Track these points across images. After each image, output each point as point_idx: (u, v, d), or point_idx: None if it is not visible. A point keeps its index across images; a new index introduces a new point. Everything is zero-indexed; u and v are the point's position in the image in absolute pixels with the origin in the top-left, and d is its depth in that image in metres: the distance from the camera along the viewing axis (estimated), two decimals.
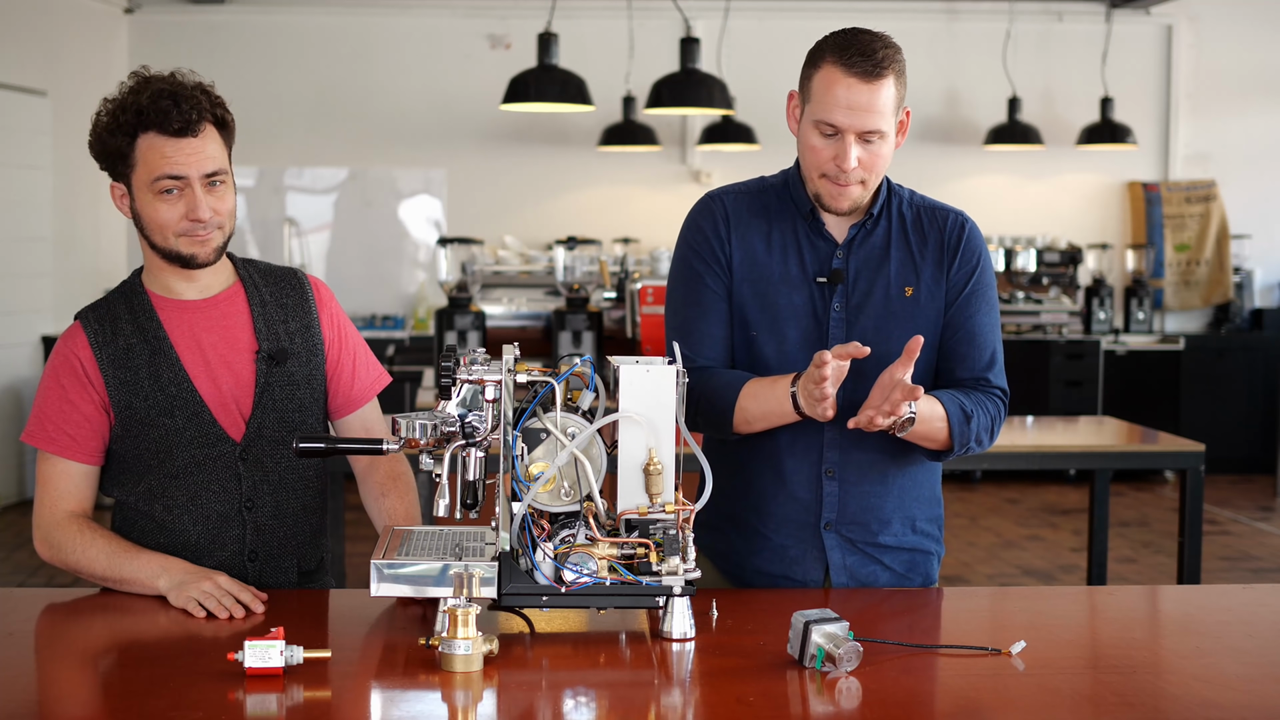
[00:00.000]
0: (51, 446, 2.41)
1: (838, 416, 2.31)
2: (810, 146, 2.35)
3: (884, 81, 2.29)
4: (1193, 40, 9.71)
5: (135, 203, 2.40)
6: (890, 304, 2.42)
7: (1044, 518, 7.94)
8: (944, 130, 9.53)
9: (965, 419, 2.36)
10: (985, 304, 2.45)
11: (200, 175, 2.36)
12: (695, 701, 1.90)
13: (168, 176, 2.35)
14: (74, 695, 1.96)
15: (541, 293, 7.63)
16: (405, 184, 9.47)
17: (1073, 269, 9.31)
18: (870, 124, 2.29)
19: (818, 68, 2.33)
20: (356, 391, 2.59)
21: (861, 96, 2.28)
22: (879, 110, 2.29)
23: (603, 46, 9.00)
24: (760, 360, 2.44)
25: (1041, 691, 1.91)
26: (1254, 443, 9.23)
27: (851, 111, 2.28)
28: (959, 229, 2.46)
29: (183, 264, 2.41)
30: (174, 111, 2.33)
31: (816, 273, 2.43)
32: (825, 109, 2.30)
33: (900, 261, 2.44)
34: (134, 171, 2.38)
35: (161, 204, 2.37)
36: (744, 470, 2.47)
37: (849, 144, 2.30)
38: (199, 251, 2.40)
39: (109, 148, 2.38)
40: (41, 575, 6.24)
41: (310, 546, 2.55)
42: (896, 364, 2.20)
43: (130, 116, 2.35)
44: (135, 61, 8.85)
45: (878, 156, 2.33)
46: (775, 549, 2.45)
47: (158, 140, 2.35)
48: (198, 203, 2.36)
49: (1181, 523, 4.68)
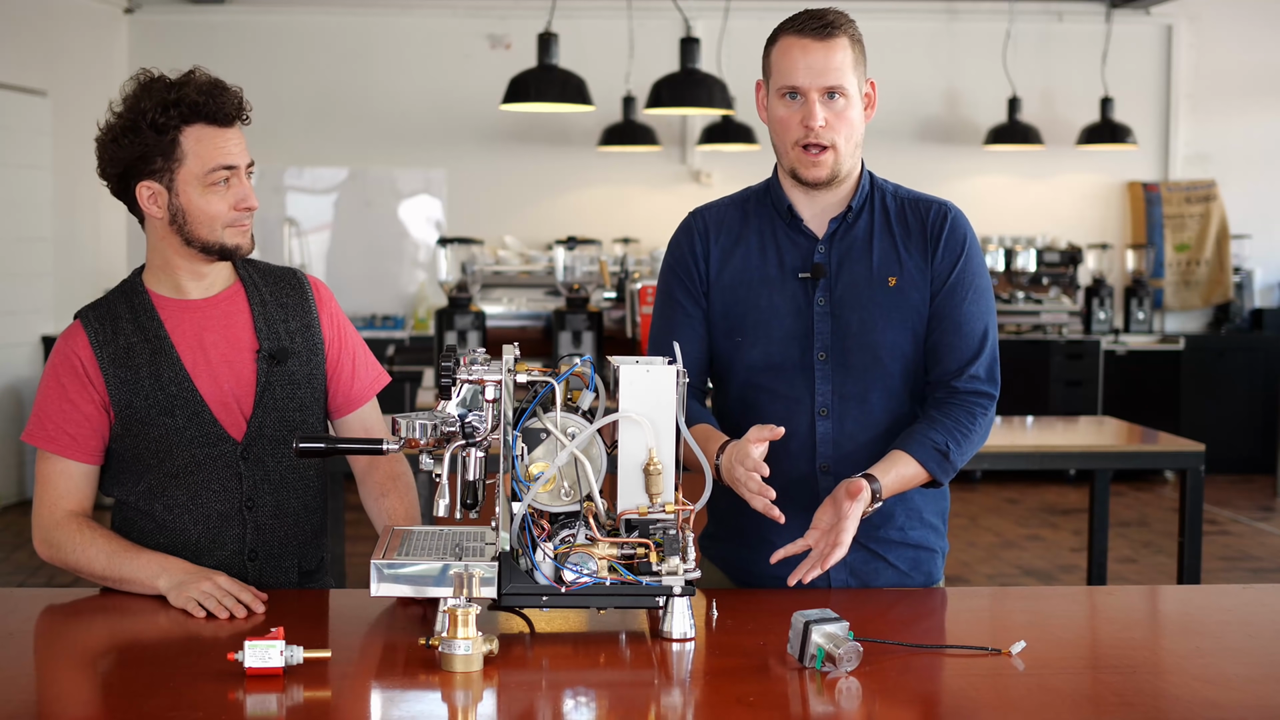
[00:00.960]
0: (52, 446, 2.41)
1: (828, 414, 2.39)
2: (778, 119, 2.40)
3: (838, 41, 2.36)
4: (1193, 40, 9.71)
5: (179, 198, 2.38)
6: (874, 294, 2.42)
7: (1044, 518, 7.94)
8: (944, 130, 9.53)
9: (943, 457, 2.36)
10: (972, 292, 2.43)
11: (245, 165, 2.41)
12: (695, 701, 1.90)
13: (223, 167, 2.37)
14: (74, 695, 1.96)
15: (541, 293, 7.63)
16: (405, 184, 9.47)
17: (1073, 269, 9.31)
18: (829, 80, 2.35)
19: (775, 44, 2.42)
20: (356, 391, 2.59)
21: (818, 56, 2.35)
22: (836, 67, 2.35)
23: (603, 46, 9.00)
24: (747, 364, 2.45)
25: (1041, 691, 1.91)
26: (1254, 443, 9.23)
27: (810, 71, 2.35)
28: (941, 218, 2.45)
29: (223, 256, 2.43)
30: (221, 101, 2.36)
31: (798, 269, 2.44)
32: (784, 74, 2.37)
33: (883, 252, 2.44)
34: (181, 166, 2.36)
35: (213, 195, 2.38)
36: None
37: (813, 102, 2.35)
38: (243, 242, 2.43)
39: (148, 146, 2.35)
40: (41, 575, 6.24)
41: (310, 546, 2.55)
42: (822, 509, 2.26)
43: (184, 110, 2.34)
44: (135, 61, 8.86)
45: (843, 118, 2.37)
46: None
47: (207, 131, 2.36)
48: (248, 192, 2.40)
49: (1181, 523, 4.68)
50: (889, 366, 2.42)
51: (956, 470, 2.40)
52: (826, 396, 2.41)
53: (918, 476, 2.36)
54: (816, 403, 2.41)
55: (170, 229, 2.41)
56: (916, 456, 2.35)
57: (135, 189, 2.40)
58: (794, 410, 2.42)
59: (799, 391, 2.42)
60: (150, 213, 2.41)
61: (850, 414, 2.41)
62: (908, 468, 2.34)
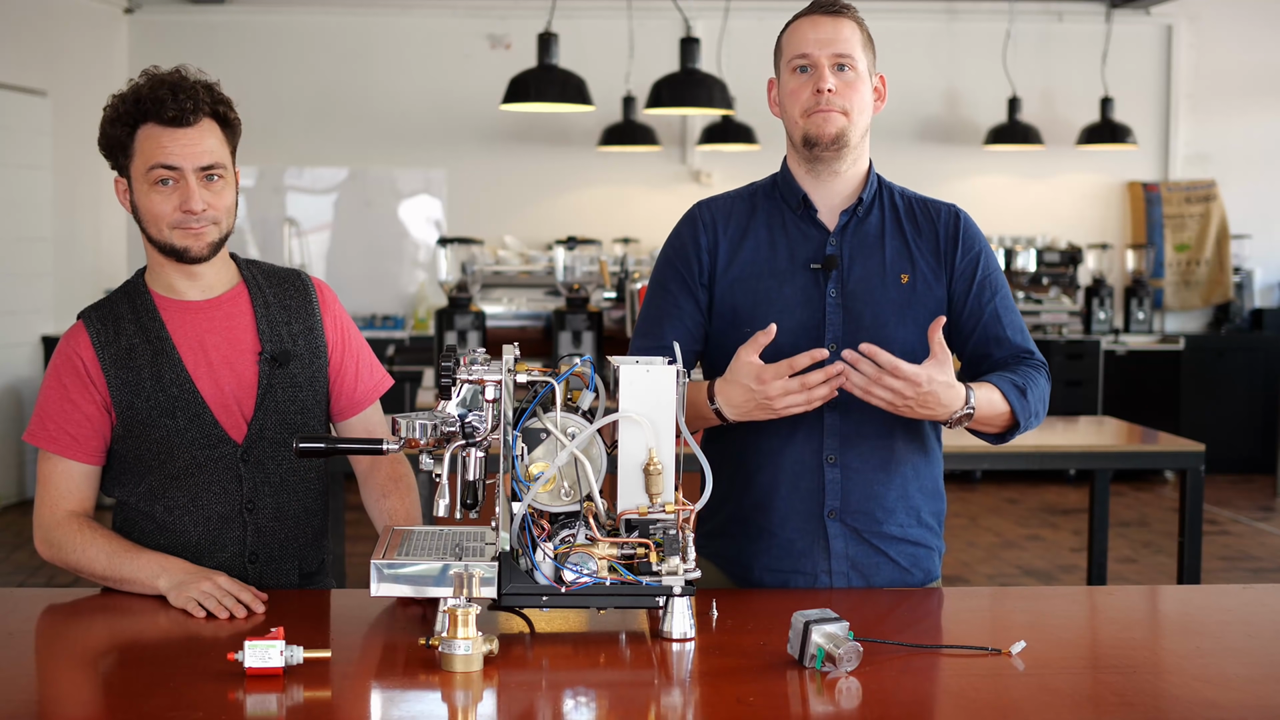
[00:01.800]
0: (53, 446, 2.41)
1: (835, 406, 2.38)
2: (789, 92, 2.45)
3: (846, 20, 2.44)
4: (1193, 40, 9.71)
5: (134, 195, 2.41)
6: (887, 291, 2.44)
7: (1044, 518, 7.94)
8: (944, 130, 9.53)
9: (1021, 394, 2.40)
10: (1002, 286, 2.52)
11: (195, 167, 2.37)
12: (695, 701, 1.90)
13: (162, 166, 2.36)
14: (74, 695, 1.96)
15: (541, 293, 7.63)
16: (405, 184, 9.47)
17: (1073, 269, 9.31)
18: (839, 48, 2.41)
19: (785, 30, 2.50)
20: (359, 394, 2.59)
21: (827, 29, 2.43)
22: (845, 39, 2.42)
23: (603, 46, 9.00)
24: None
25: (1041, 691, 1.91)
26: (1254, 443, 9.23)
27: (820, 41, 2.42)
28: (954, 220, 2.51)
29: (177, 258, 2.41)
30: (170, 101, 2.35)
31: (809, 261, 2.44)
32: (795, 47, 2.44)
33: (895, 250, 2.47)
34: (133, 162, 2.39)
35: (156, 194, 2.38)
36: (744, 467, 2.48)
37: (824, 68, 2.41)
38: (192, 245, 2.40)
39: (111, 139, 2.40)
40: (41, 575, 6.24)
41: (311, 549, 2.55)
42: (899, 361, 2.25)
43: (129, 106, 2.37)
44: (135, 61, 8.87)
45: (854, 89, 2.42)
46: (782, 544, 2.46)
47: (155, 130, 2.36)
48: (191, 194, 2.37)
49: (1181, 523, 4.68)
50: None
51: (1029, 419, 2.41)
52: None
53: (1000, 412, 2.37)
54: None
55: (140, 227, 2.45)
56: (998, 387, 2.37)
57: (113, 182, 2.45)
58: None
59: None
60: (124, 206, 2.45)
61: (856, 406, 2.42)
62: (992, 395, 2.36)
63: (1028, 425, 2.43)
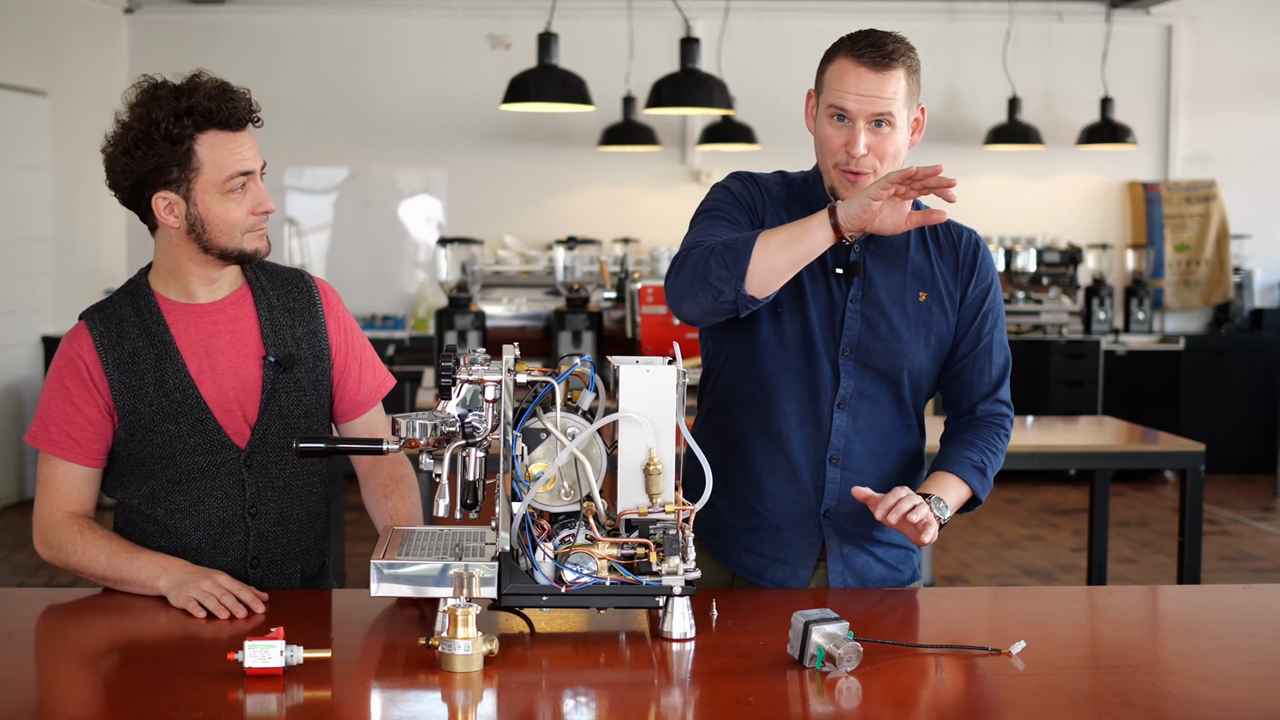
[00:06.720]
0: (54, 449, 2.40)
1: (845, 407, 2.42)
2: (824, 135, 2.42)
3: (893, 73, 2.36)
4: (1193, 40, 9.71)
5: (196, 207, 2.34)
6: (904, 306, 2.47)
7: (1044, 518, 7.94)
8: (944, 130, 9.52)
9: (981, 475, 2.48)
10: (1001, 319, 2.56)
11: (259, 168, 2.39)
12: (695, 701, 1.90)
13: (240, 173, 2.34)
14: (74, 695, 1.96)
15: (541, 293, 7.63)
16: (405, 184, 9.47)
17: (1073, 269, 9.31)
18: (878, 108, 2.35)
19: (831, 61, 2.42)
20: (363, 396, 2.58)
21: (870, 84, 2.35)
22: (887, 97, 2.35)
23: (603, 46, 9.00)
24: (784, 334, 2.45)
25: (1041, 691, 1.91)
26: (1254, 443, 9.23)
27: (860, 97, 2.35)
28: (974, 247, 2.54)
29: (242, 261, 2.41)
30: (234, 104, 2.33)
31: (833, 264, 2.45)
32: (835, 95, 2.38)
33: (917, 266, 2.49)
34: (198, 175, 2.32)
35: (230, 202, 2.35)
36: (743, 446, 2.49)
37: (859, 130, 2.36)
38: (261, 246, 2.42)
39: (164, 157, 2.31)
40: (41, 575, 6.24)
41: (313, 552, 2.54)
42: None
43: (197, 117, 2.30)
44: (135, 61, 8.87)
45: (886, 145, 2.38)
46: (771, 529, 2.47)
47: (221, 137, 2.32)
48: (264, 195, 2.38)
49: (1181, 523, 4.68)
50: (906, 374, 2.48)
51: (989, 490, 2.49)
52: (848, 390, 2.45)
53: (964, 496, 2.45)
54: (839, 394, 2.44)
55: (187, 238, 2.37)
56: (961, 475, 2.44)
57: (151, 200, 2.35)
58: (816, 397, 2.45)
59: (824, 379, 2.45)
60: (166, 223, 2.36)
61: (863, 411, 2.46)
62: (961, 492, 2.44)
63: (986, 494, 2.50)
